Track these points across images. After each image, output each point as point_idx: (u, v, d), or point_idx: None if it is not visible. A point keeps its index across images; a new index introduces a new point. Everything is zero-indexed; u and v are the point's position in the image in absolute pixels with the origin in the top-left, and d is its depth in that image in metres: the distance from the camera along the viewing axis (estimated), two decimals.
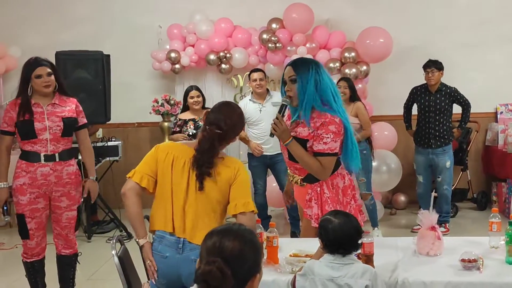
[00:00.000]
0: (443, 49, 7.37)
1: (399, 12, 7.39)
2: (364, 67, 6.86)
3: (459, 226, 6.48)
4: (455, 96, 6.04)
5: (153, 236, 2.94)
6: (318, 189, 3.33)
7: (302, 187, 3.42)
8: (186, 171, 2.87)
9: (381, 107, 6.98)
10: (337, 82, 5.87)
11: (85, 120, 4.34)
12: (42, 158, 4.05)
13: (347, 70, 6.71)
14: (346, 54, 6.82)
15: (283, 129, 3.25)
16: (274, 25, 6.93)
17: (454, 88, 6.08)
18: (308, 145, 3.27)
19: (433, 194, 3.47)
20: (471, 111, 6.17)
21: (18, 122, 4.02)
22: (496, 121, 7.33)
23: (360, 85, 6.83)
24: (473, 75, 7.37)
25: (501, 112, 7.35)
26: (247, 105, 5.95)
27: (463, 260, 2.86)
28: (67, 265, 4.34)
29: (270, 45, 6.85)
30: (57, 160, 4.09)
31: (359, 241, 2.66)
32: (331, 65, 6.81)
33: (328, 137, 3.21)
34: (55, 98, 4.14)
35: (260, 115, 5.92)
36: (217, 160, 2.88)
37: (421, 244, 3.12)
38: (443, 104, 5.99)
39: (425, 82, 6.09)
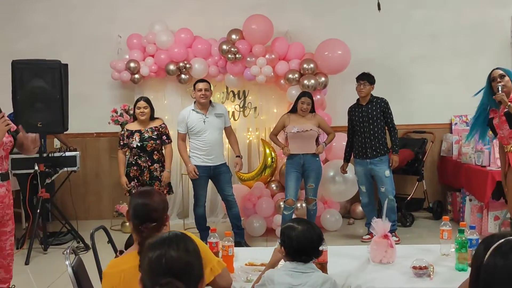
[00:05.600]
0: (399, 61, 7.58)
1: (356, 25, 7.54)
2: (323, 79, 6.96)
3: (415, 235, 6.60)
4: (385, 107, 6.11)
5: None
6: None
7: None
8: None
9: (339, 118, 7.06)
10: (300, 98, 5.97)
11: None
12: None
13: (306, 82, 6.80)
14: (305, 66, 6.90)
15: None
16: (234, 36, 6.98)
17: (385, 99, 6.17)
18: None
19: (386, 203, 3.55)
20: (426, 122, 6.23)
21: None
22: (451, 132, 7.50)
23: (318, 96, 6.92)
24: (428, 87, 7.58)
25: (456, 124, 7.53)
26: (190, 115, 5.90)
27: (414, 268, 2.94)
28: None
29: (229, 56, 6.89)
30: (9, 178, 3.68)
31: (320, 248, 2.69)
32: (290, 76, 6.88)
33: None
34: None
35: (204, 126, 5.88)
36: None
37: (374, 252, 3.19)
38: (374, 113, 6.09)
39: (357, 98, 6.21)
